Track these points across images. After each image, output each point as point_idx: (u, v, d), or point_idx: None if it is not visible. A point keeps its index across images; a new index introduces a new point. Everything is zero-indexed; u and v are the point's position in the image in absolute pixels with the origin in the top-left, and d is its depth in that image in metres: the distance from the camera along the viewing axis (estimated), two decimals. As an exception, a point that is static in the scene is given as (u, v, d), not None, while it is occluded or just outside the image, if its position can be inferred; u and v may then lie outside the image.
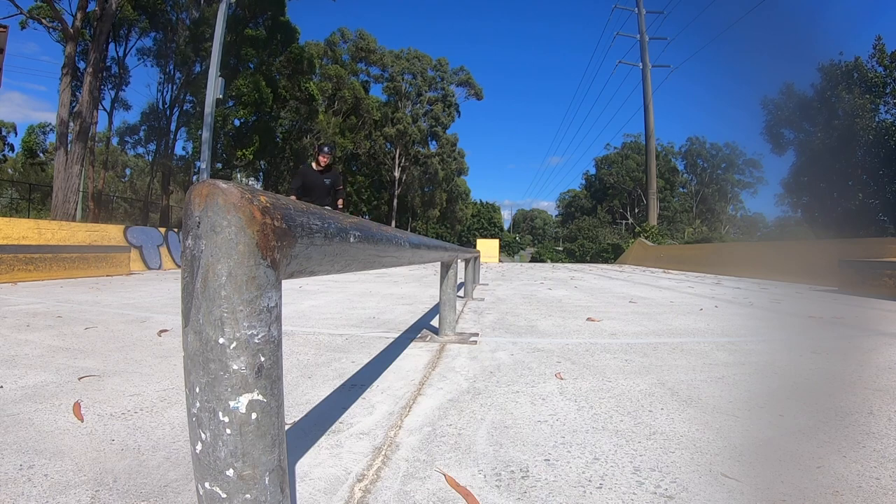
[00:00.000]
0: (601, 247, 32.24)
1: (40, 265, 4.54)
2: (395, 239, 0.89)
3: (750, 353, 1.70)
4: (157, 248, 7.40)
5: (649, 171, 22.06)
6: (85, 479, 0.72)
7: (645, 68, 21.87)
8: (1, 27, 8.07)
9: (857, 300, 3.82)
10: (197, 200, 0.39)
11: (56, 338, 1.77)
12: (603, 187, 44.94)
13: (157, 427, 0.93)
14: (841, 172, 17.15)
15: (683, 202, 41.27)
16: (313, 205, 0.54)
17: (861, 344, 1.97)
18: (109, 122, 21.55)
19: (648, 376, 1.37)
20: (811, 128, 18.50)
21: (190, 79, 19.33)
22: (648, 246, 16.28)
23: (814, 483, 0.73)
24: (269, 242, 0.40)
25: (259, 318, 0.40)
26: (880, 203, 16.58)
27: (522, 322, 2.40)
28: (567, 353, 1.67)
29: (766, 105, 20.47)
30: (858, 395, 1.20)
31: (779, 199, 21.63)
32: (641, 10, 22.37)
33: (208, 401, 0.39)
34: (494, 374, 1.37)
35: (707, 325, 2.36)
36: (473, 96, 33.32)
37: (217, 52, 8.99)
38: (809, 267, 6.03)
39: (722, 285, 5.49)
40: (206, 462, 0.39)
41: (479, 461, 0.81)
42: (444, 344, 1.80)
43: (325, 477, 0.74)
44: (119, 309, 2.61)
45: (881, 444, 0.88)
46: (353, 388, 1.22)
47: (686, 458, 0.82)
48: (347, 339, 1.88)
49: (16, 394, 1.11)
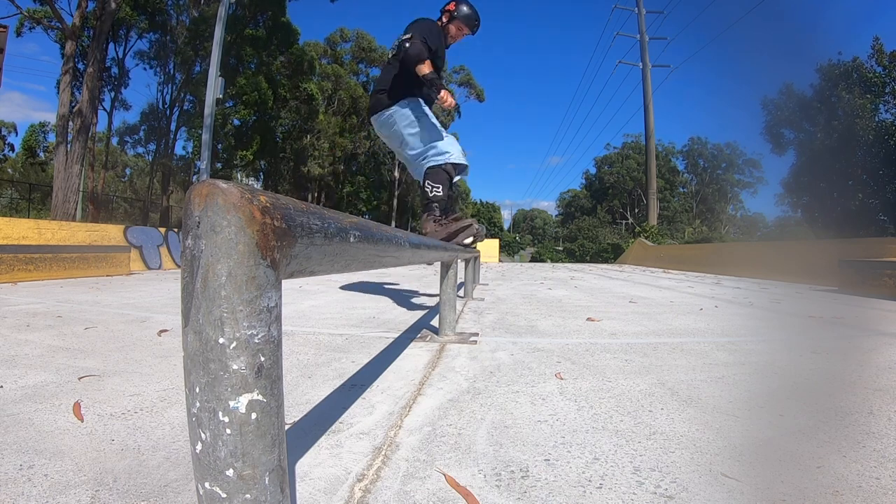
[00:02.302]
0: (601, 247, 32.24)
1: (40, 265, 4.54)
2: (395, 239, 0.89)
3: (750, 353, 1.70)
4: (157, 248, 7.39)
5: (649, 171, 22.05)
6: (85, 479, 0.72)
7: (645, 68, 21.86)
8: (1, 27, 8.07)
9: (857, 300, 3.82)
10: (197, 200, 0.39)
11: (56, 338, 1.77)
12: (603, 187, 44.93)
13: (157, 427, 0.93)
14: (841, 172, 17.15)
15: (683, 202, 41.26)
16: (314, 205, 0.54)
17: (861, 344, 1.97)
18: (109, 122, 21.55)
19: (648, 376, 1.37)
20: (811, 128, 18.51)
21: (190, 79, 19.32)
22: (648, 246, 16.28)
23: (814, 483, 0.73)
24: (269, 242, 0.40)
25: (259, 318, 0.40)
26: (880, 203, 16.58)
27: (522, 322, 2.40)
28: (567, 352, 1.67)
29: (766, 105, 20.48)
30: (858, 395, 1.20)
31: (779, 199, 21.65)
32: (641, 10, 22.36)
33: (208, 401, 0.39)
34: (494, 374, 1.37)
35: (707, 325, 2.36)
36: (475, 98, 33.28)
37: (217, 51, 8.98)
38: (809, 267, 6.03)
39: (722, 285, 5.49)
40: (206, 462, 0.39)
41: (479, 461, 0.81)
42: (444, 344, 1.80)
43: (325, 477, 0.74)
44: (119, 309, 2.61)
45: (881, 443, 0.88)
46: (353, 388, 1.22)
47: (686, 457, 0.83)
48: (347, 338, 1.88)
49: (16, 394, 1.11)
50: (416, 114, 2.69)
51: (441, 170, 2.69)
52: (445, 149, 2.70)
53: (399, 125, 2.69)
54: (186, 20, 19.32)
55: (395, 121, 2.70)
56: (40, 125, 30.63)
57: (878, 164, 16.06)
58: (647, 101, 21.62)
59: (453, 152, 2.70)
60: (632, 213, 40.46)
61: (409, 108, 2.68)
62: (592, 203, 45.61)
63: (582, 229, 40.46)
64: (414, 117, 2.68)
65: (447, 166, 2.69)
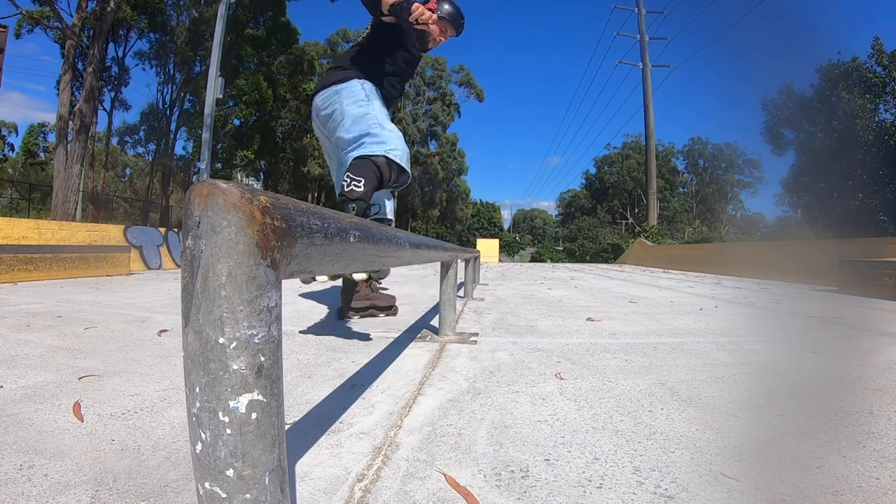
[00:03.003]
0: (601, 247, 32.24)
1: (40, 265, 4.54)
2: (395, 239, 0.89)
3: (750, 353, 1.70)
4: (157, 248, 7.40)
5: (649, 171, 22.07)
6: (85, 479, 0.72)
7: (645, 68, 21.88)
8: (1, 27, 8.07)
9: (857, 300, 3.82)
10: (197, 200, 0.39)
11: (56, 338, 1.77)
12: (603, 187, 44.93)
13: (157, 427, 0.93)
14: (841, 172, 17.15)
15: (683, 202, 41.26)
16: (314, 205, 0.54)
17: (861, 344, 1.97)
18: (109, 122, 21.55)
19: (648, 376, 1.37)
20: (811, 128, 18.51)
21: (190, 79, 19.33)
22: (648, 246, 16.28)
23: (814, 483, 0.73)
24: (269, 242, 0.40)
25: (259, 318, 0.40)
26: (880, 203, 16.58)
27: (522, 322, 2.40)
28: (567, 352, 1.67)
29: (766, 105, 20.49)
30: (858, 395, 1.20)
31: (779, 199, 21.66)
32: (641, 10, 22.38)
33: (208, 401, 0.39)
34: (494, 374, 1.37)
35: (707, 324, 2.36)
36: (475, 97, 33.32)
37: (217, 51, 8.99)
38: (809, 267, 6.03)
39: (722, 285, 5.49)
40: (206, 462, 0.39)
41: (479, 461, 0.81)
42: (444, 344, 1.80)
43: (325, 477, 0.74)
44: (119, 309, 2.61)
45: (881, 443, 0.88)
46: (353, 388, 1.22)
47: (686, 457, 0.82)
48: (347, 338, 1.88)
49: (16, 394, 1.11)
50: (367, 93, 2.18)
51: (370, 161, 2.01)
52: (386, 139, 2.07)
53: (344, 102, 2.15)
54: (186, 20, 19.32)
55: (340, 98, 2.16)
56: (40, 125, 30.64)
57: (878, 164, 16.06)
58: (647, 101, 21.64)
59: (396, 147, 2.09)
60: (632, 213, 40.46)
61: (361, 87, 2.18)
62: (592, 203, 45.62)
63: (582, 229, 40.46)
64: (364, 96, 2.16)
65: (380, 160, 2.00)
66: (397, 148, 2.06)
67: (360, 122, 2.08)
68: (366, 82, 2.20)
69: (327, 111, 2.21)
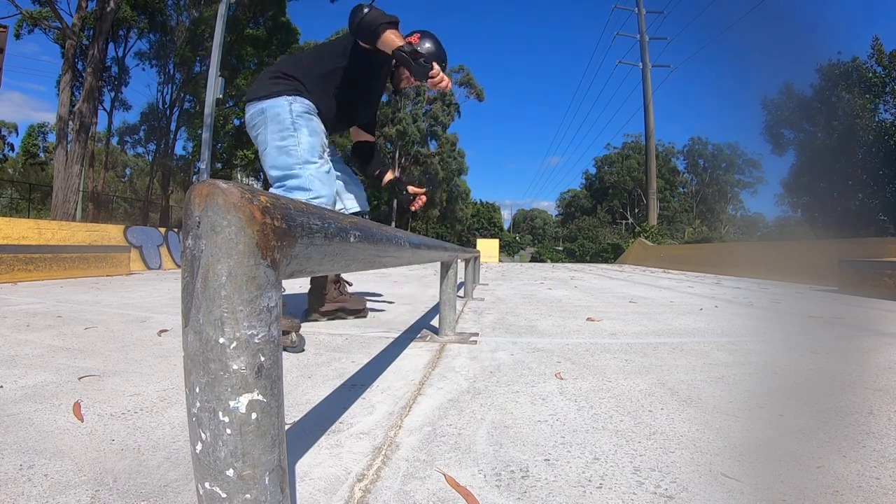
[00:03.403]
0: (601, 247, 32.24)
1: (40, 265, 4.54)
2: (395, 239, 0.89)
3: (750, 353, 1.70)
4: (157, 248, 7.40)
5: (649, 171, 22.07)
6: (85, 479, 0.72)
7: (645, 68, 21.88)
8: (1, 27, 8.07)
9: (857, 300, 3.82)
10: (197, 200, 0.39)
11: (56, 338, 1.77)
12: (603, 187, 44.92)
13: (157, 427, 0.93)
14: (841, 172, 17.15)
15: (683, 202, 41.26)
16: (314, 205, 0.54)
17: (861, 344, 1.97)
18: (109, 122, 21.55)
19: (648, 376, 1.37)
20: (811, 128, 18.51)
21: (190, 79, 19.32)
22: (648, 246, 16.28)
23: (814, 483, 0.73)
24: (269, 242, 0.40)
25: (259, 318, 0.40)
26: (880, 203, 16.58)
27: (522, 322, 2.40)
28: (567, 352, 1.67)
29: (766, 105, 20.49)
30: (858, 395, 1.20)
31: (779, 199, 21.66)
32: (641, 10, 22.38)
33: (208, 401, 0.39)
34: (494, 374, 1.37)
35: (707, 325, 2.36)
36: (475, 97, 33.31)
37: (217, 51, 8.98)
38: (809, 267, 6.03)
39: (722, 285, 5.49)
40: (206, 462, 0.39)
41: (479, 461, 0.81)
42: (444, 344, 1.80)
43: (325, 477, 0.74)
44: (119, 309, 2.61)
45: (881, 443, 0.88)
46: (353, 388, 1.22)
47: (686, 457, 0.83)
48: (347, 338, 1.88)
49: (16, 394, 1.11)
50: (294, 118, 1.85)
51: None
52: (310, 184, 1.82)
53: (268, 127, 1.86)
54: (186, 20, 19.32)
55: (265, 120, 1.86)
56: (40, 126, 30.66)
57: (878, 164, 16.06)
58: (647, 101, 21.64)
59: (321, 194, 1.84)
60: (632, 213, 40.46)
61: (289, 110, 1.85)
62: (592, 203, 45.62)
63: (582, 229, 40.47)
64: (289, 122, 1.84)
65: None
66: (322, 195, 1.83)
67: (284, 156, 1.84)
68: (297, 101, 1.88)
69: (253, 132, 1.95)
